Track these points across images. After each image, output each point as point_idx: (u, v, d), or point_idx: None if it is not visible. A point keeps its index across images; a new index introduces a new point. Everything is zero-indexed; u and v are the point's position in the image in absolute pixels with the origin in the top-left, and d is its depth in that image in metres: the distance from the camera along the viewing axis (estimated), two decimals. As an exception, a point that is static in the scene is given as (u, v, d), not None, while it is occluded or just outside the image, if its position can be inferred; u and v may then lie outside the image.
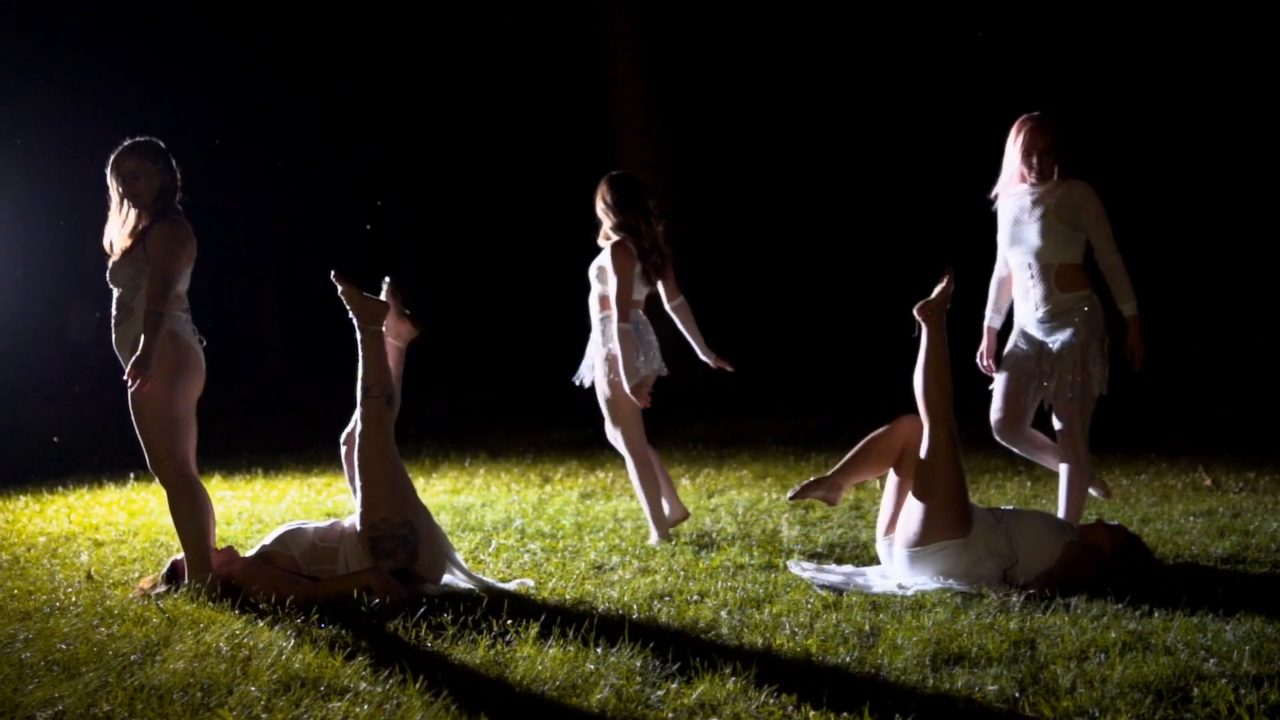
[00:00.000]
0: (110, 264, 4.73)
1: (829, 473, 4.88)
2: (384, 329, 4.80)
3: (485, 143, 19.22)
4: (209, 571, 4.51)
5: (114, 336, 4.69)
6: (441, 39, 18.42)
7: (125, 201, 4.73)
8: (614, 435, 5.86)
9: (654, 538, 5.67)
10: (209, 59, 17.33)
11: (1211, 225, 14.66)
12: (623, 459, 5.98)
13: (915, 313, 4.79)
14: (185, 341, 4.66)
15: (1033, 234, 5.04)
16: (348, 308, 4.78)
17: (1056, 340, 5.00)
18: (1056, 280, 5.02)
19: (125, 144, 4.77)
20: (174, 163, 4.81)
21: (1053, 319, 5.03)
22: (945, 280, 4.77)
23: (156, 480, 4.75)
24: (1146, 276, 13.55)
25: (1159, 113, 14.54)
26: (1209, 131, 14.59)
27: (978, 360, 5.32)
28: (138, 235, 4.68)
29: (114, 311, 4.70)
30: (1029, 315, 5.11)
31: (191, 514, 4.58)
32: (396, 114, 19.07)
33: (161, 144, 4.83)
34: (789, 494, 5.03)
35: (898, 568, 4.62)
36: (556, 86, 18.13)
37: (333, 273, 4.80)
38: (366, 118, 18.88)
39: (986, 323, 5.34)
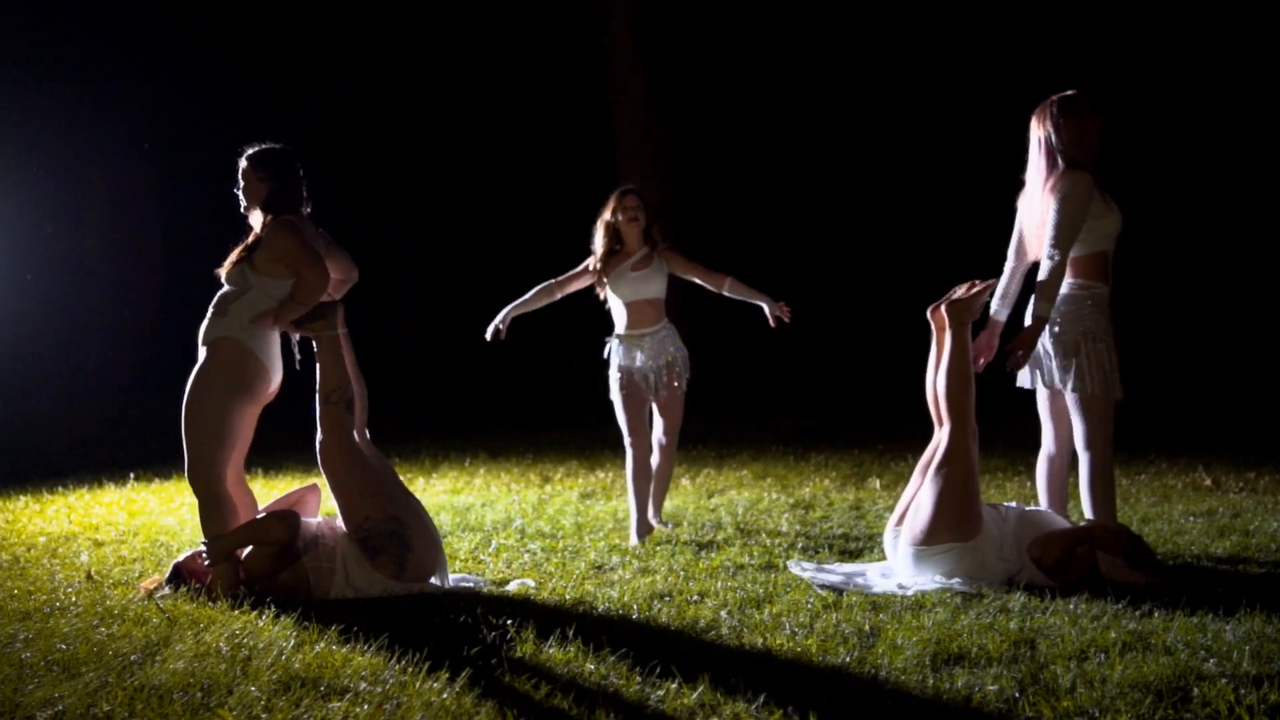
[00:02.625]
0: (228, 260, 4.73)
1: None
2: (340, 332, 4.78)
3: (485, 143, 19.23)
4: (237, 583, 4.51)
5: (203, 326, 4.69)
6: (442, 39, 18.43)
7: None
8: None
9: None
10: (209, 59, 17.33)
11: (1211, 225, 14.68)
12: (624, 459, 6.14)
13: (943, 310, 4.78)
14: (256, 360, 4.61)
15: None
16: (300, 327, 4.69)
17: None
18: None
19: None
20: (289, 171, 4.75)
21: None
22: (980, 289, 4.78)
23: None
24: (1147, 276, 13.61)
25: (1159, 112, 14.55)
26: (1208, 131, 14.60)
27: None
28: (247, 245, 4.70)
29: (214, 302, 4.70)
30: None
31: (222, 523, 4.57)
32: (396, 114, 19.07)
33: (274, 152, 4.78)
34: None
35: (900, 563, 4.63)
36: (556, 87, 18.12)
37: (271, 318, 4.67)
38: (366, 118, 18.88)
39: (994, 315, 4.98)
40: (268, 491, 7.99)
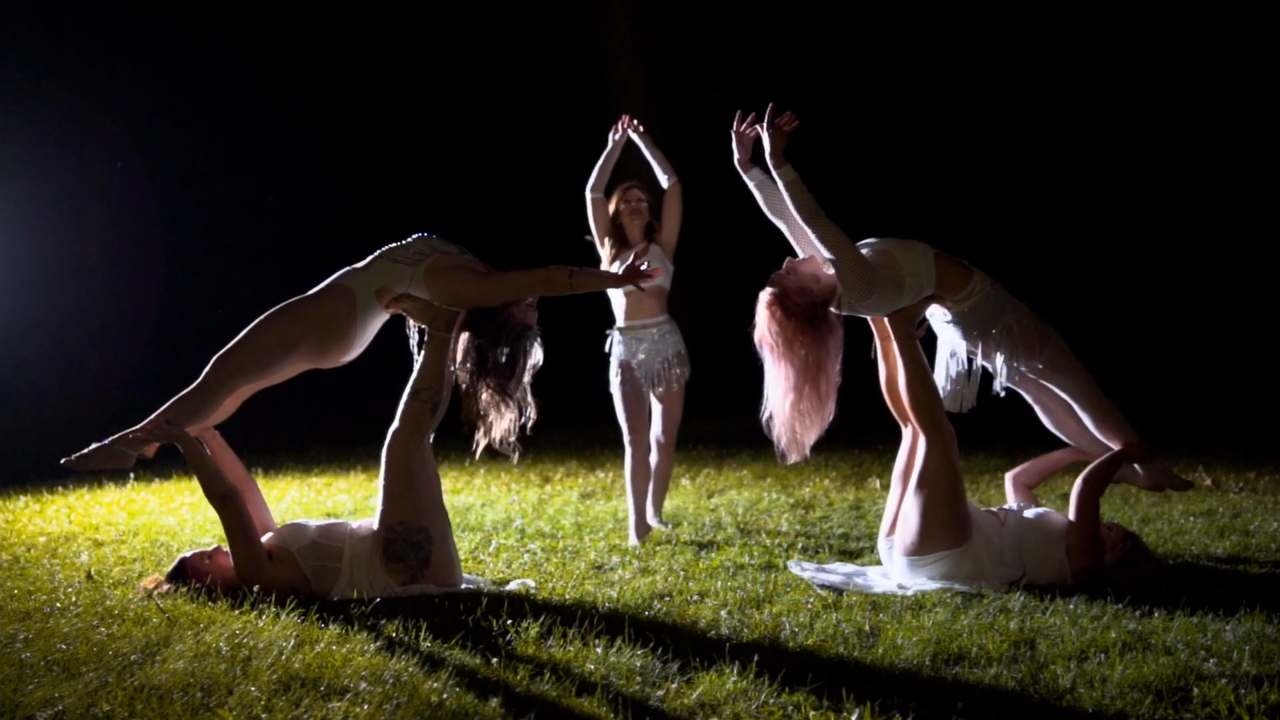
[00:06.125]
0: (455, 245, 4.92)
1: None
2: (449, 336, 4.79)
3: (484, 142, 19.24)
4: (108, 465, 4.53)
5: (346, 269, 4.78)
6: (442, 39, 18.44)
7: None
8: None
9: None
10: (209, 59, 17.34)
11: (1211, 225, 14.68)
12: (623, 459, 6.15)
13: (886, 320, 4.81)
14: (353, 324, 4.64)
15: None
16: (421, 319, 4.79)
17: None
18: None
19: None
20: None
21: None
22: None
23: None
24: (1147, 276, 13.60)
25: (1158, 112, 14.55)
26: (1207, 132, 14.60)
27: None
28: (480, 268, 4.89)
29: (377, 252, 4.85)
30: None
31: (193, 414, 4.54)
32: (396, 114, 19.08)
33: None
34: None
35: (897, 572, 4.62)
36: (557, 87, 18.14)
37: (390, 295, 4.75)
38: (366, 118, 18.89)
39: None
40: (268, 491, 7.99)
